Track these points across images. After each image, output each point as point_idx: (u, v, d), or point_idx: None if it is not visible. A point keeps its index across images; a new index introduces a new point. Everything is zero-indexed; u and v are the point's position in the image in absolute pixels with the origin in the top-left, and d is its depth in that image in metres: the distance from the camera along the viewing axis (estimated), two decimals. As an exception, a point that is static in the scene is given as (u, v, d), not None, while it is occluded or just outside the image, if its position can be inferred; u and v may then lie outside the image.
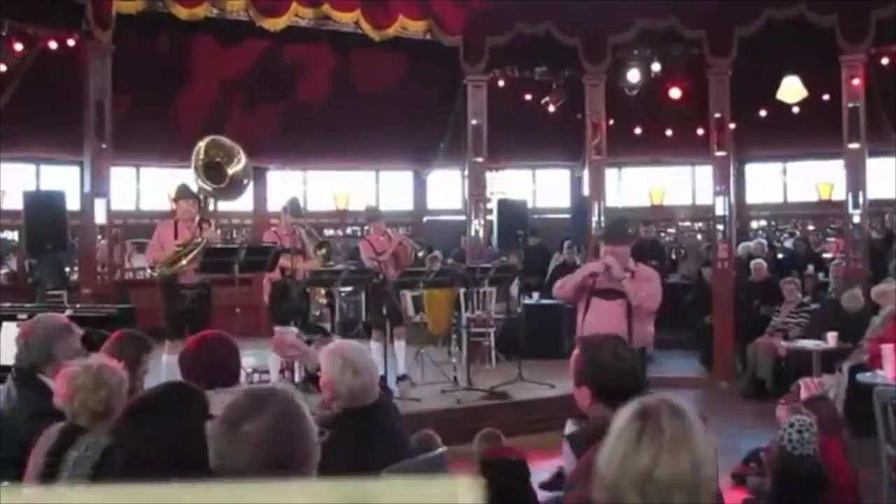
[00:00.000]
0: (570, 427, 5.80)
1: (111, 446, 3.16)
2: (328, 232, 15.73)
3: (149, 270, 8.59)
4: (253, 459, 1.88)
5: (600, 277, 6.12)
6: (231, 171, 8.12)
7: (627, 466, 1.75)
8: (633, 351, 3.00)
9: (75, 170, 11.58)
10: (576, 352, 2.94)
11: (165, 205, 8.52)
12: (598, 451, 2.36)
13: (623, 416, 1.83)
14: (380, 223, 9.44)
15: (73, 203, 10.26)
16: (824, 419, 4.85)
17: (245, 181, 8.32)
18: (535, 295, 11.59)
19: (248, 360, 8.33)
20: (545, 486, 6.02)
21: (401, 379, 8.81)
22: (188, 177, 8.23)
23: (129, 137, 11.16)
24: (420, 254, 10.35)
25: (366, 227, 10.19)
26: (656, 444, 1.75)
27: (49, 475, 3.17)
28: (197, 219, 8.02)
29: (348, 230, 16.11)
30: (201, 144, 7.98)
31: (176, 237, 7.92)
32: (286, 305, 8.49)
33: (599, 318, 5.96)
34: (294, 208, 9.01)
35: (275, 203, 14.18)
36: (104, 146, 9.53)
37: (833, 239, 11.70)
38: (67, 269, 11.47)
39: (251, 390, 2.04)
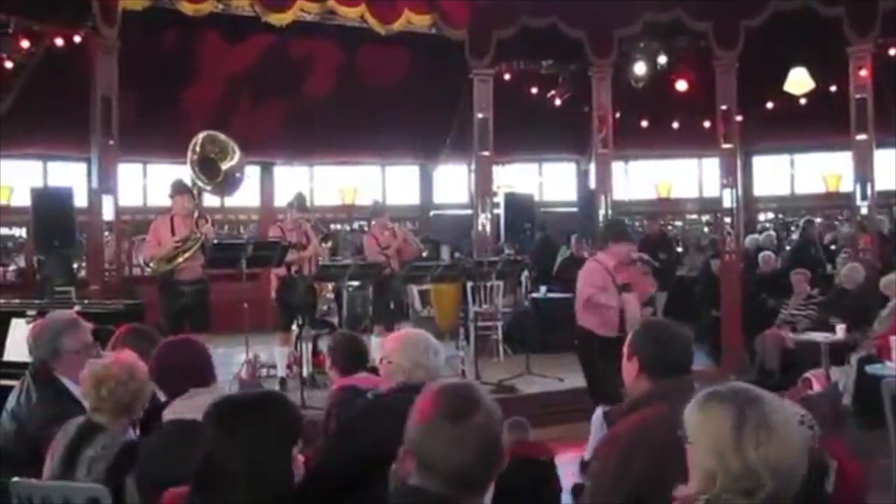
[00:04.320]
0: (600, 412, 6.05)
1: (127, 446, 3.18)
2: (334, 227, 15.75)
3: (145, 267, 8.57)
4: (482, 449, 1.93)
5: (618, 273, 6.67)
6: (225, 166, 8.15)
7: (763, 454, 1.85)
8: (690, 335, 3.12)
9: (82, 166, 11.62)
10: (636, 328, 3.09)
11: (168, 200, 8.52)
12: (628, 422, 2.42)
13: (723, 411, 1.96)
14: (384, 218, 9.47)
15: (80, 200, 10.28)
16: (823, 417, 4.84)
17: (239, 176, 8.35)
18: (543, 288, 11.58)
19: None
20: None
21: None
22: (185, 172, 8.26)
23: (136, 134, 11.17)
24: (424, 254, 10.34)
25: (372, 223, 10.17)
26: (768, 431, 1.91)
27: (65, 471, 3.17)
28: (196, 214, 8.02)
29: (355, 225, 16.10)
30: (197, 139, 8.03)
31: (173, 233, 7.92)
32: (293, 301, 8.50)
33: (632, 310, 6.58)
34: (300, 203, 9.06)
35: (281, 198, 14.18)
36: (111, 143, 9.53)
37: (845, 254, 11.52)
38: (75, 266, 11.50)
39: (451, 384, 2.07)
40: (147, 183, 14.47)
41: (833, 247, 13.08)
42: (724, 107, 10.78)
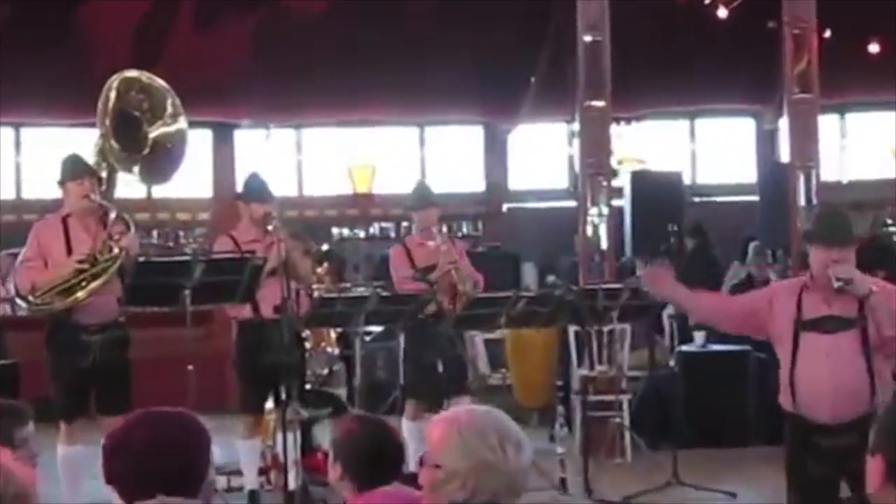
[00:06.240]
0: None
1: None
2: (339, 232, 15.80)
3: (21, 302, 8.58)
4: None
5: (809, 297, 6.18)
6: (155, 131, 8.17)
7: None
8: None
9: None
10: None
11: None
12: None
13: None
14: (430, 213, 9.44)
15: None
16: None
17: (177, 151, 8.35)
18: (699, 336, 11.49)
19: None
20: None
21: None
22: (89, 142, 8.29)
23: (4, 80, 11.30)
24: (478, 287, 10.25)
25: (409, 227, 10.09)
26: None
27: None
28: (112, 214, 8.02)
29: (373, 229, 16.14)
30: (113, 83, 8.04)
31: (68, 246, 7.92)
32: (265, 360, 8.50)
33: (815, 366, 6.04)
34: (257, 191, 8.98)
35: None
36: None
37: None
38: None
39: None
40: (21, 160, 14.66)
41: None
42: None
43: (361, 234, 16.09)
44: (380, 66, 14.03)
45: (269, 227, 8.52)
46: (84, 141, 8.50)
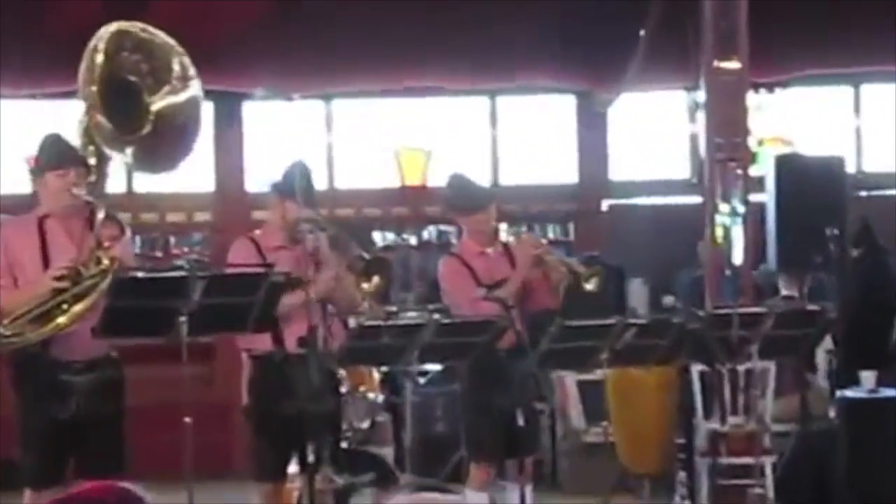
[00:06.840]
0: None
1: None
2: (382, 237, 15.82)
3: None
4: None
5: None
6: (159, 102, 8.15)
7: None
8: None
9: None
10: None
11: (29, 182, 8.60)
12: None
13: None
14: (489, 213, 9.42)
15: None
16: None
17: (191, 127, 8.33)
18: (869, 376, 11.40)
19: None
20: None
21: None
22: (70, 118, 8.28)
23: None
24: (591, 285, 10.25)
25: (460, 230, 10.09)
26: None
27: None
28: (101, 216, 8.02)
29: (427, 233, 16.15)
30: (98, 41, 8.01)
31: (45, 257, 7.95)
32: (284, 410, 8.48)
33: None
34: (300, 186, 8.95)
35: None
36: None
37: None
38: None
39: None
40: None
41: None
42: None
43: (412, 241, 16.04)
44: (437, 15, 14.02)
45: (298, 236, 8.52)
46: (60, 117, 8.46)
